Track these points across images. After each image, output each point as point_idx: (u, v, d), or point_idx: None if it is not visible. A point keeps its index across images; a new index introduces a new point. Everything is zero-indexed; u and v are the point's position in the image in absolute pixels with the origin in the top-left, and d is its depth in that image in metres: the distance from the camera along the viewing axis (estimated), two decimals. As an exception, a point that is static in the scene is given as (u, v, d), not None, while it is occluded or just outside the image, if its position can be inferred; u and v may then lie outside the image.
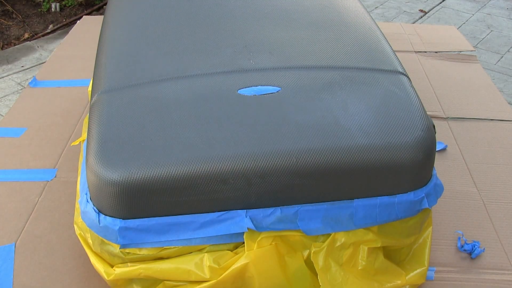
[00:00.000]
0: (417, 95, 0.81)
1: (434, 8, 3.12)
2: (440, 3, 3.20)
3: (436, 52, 1.58)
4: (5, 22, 2.81)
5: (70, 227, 0.88)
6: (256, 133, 0.72)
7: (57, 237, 0.94)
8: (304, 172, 0.70)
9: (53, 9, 2.94)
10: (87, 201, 0.74)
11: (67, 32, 1.75)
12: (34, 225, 0.96)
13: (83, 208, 0.75)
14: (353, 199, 0.74)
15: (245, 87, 0.80)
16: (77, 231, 0.81)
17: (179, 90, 0.80)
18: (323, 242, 0.75)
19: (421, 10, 3.09)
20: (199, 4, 1.04)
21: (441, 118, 1.28)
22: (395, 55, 0.91)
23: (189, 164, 0.69)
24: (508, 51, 2.63)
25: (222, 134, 0.72)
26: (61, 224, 0.96)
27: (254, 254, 0.73)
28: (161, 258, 0.75)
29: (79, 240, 0.81)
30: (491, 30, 2.84)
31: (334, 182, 0.72)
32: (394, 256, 0.83)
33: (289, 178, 0.71)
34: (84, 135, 0.96)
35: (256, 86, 0.80)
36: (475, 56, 1.59)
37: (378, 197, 0.74)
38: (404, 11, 3.09)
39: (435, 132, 0.78)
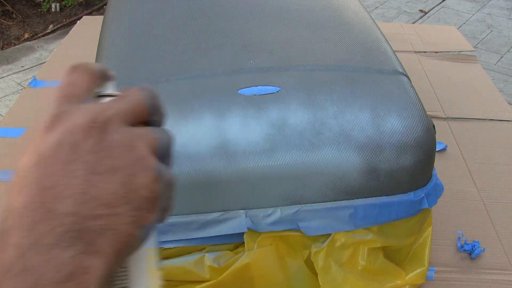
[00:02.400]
0: (417, 95, 0.81)
1: (434, 8, 3.12)
2: (440, 3, 3.20)
3: (436, 52, 1.58)
4: (5, 22, 2.81)
5: (70, 227, 0.88)
6: (256, 133, 0.72)
7: (57, 237, 0.94)
8: (303, 172, 0.70)
9: (53, 9, 2.94)
10: (87, 201, 0.74)
11: (67, 32, 1.75)
12: (34, 225, 0.96)
13: (83, 208, 0.75)
14: (353, 199, 0.74)
15: (245, 87, 0.80)
16: (77, 231, 0.81)
17: (179, 90, 0.80)
18: (323, 242, 0.75)
19: (421, 10, 3.09)
20: (199, 4, 1.04)
21: (441, 118, 1.28)
22: (395, 55, 0.91)
23: (189, 164, 0.69)
24: (508, 51, 2.63)
25: (222, 135, 0.72)
26: (61, 224, 0.96)
27: (254, 254, 0.73)
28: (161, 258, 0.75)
29: (79, 240, 0.81)
30: (491, 30, 2.84)
31: (334, 182, 0.72)
32: (394, 256, 0.83)
33: (289, 178, 0.71)
34: (84, 135, 0.96)
35: (256, 86, 0.80)
36: (475, 56, 1.59)
37: (378, 197, 0.74)
38: (404, 11, 3.09)
39: (435, 132, 0.78)
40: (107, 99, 0.31)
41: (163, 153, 0.30)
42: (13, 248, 0.24)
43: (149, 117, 0.30)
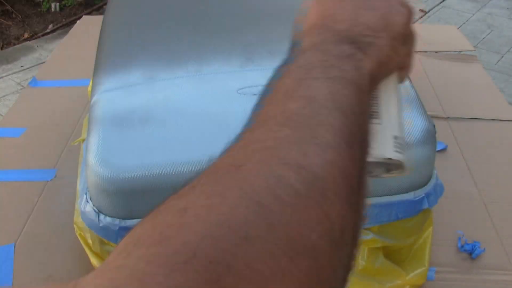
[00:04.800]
0: (417, 95, 0.81)
1: (434, 8, 3.12)
2: (440, 3, 3.20)
3: (436, 52, 1.58)
4: (5, 22, 2.81)
5: (70, 227, 0.88)
6: (256, 133, 0.72)
7: (57, 237, 0.94)
8: (304, 172, 0.70)
9: (53, 9, 2.94)
10: (87, 201, 0.74)
11: (67, 32, 1.75)
12: (34, 225, 0.96)
13: (83, 208, 0.75)
14: (353, 199, 0.73)
15: (245, 87, 0.80)
16: (77, 231, 0.81)
17: (179, 89, 0.80)
18: (323, 242, 0.75)
19: (421, 10, 3.09)
20: (199, 5, 1.04)
21: (441, 118, 1.28)
22: (395, 55, 0.91)
23: (189, 164, 0.69)
24: (509, 51, 2.63)
25: (222, 135, 0.72)
26: (61, 224, 0.96)
27: (254, 254, 0.73)
28: (161, 258, 0.75)
29: (79, 240, 0.81)
30: (492, 30, 2.84)
31: (334, 182, 0.72)
32: (394, 256, 0.83)
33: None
34: (84, 135, 0.96)
35: (256, 86, 0.80)
36: (476, 56, 1.59)
37: (378, 197, 0.74)
38: (404, 11, 3.08)
39: (435, 132, 0.78)
40: None
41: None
42: (308, 43, 0.34)
43: None
